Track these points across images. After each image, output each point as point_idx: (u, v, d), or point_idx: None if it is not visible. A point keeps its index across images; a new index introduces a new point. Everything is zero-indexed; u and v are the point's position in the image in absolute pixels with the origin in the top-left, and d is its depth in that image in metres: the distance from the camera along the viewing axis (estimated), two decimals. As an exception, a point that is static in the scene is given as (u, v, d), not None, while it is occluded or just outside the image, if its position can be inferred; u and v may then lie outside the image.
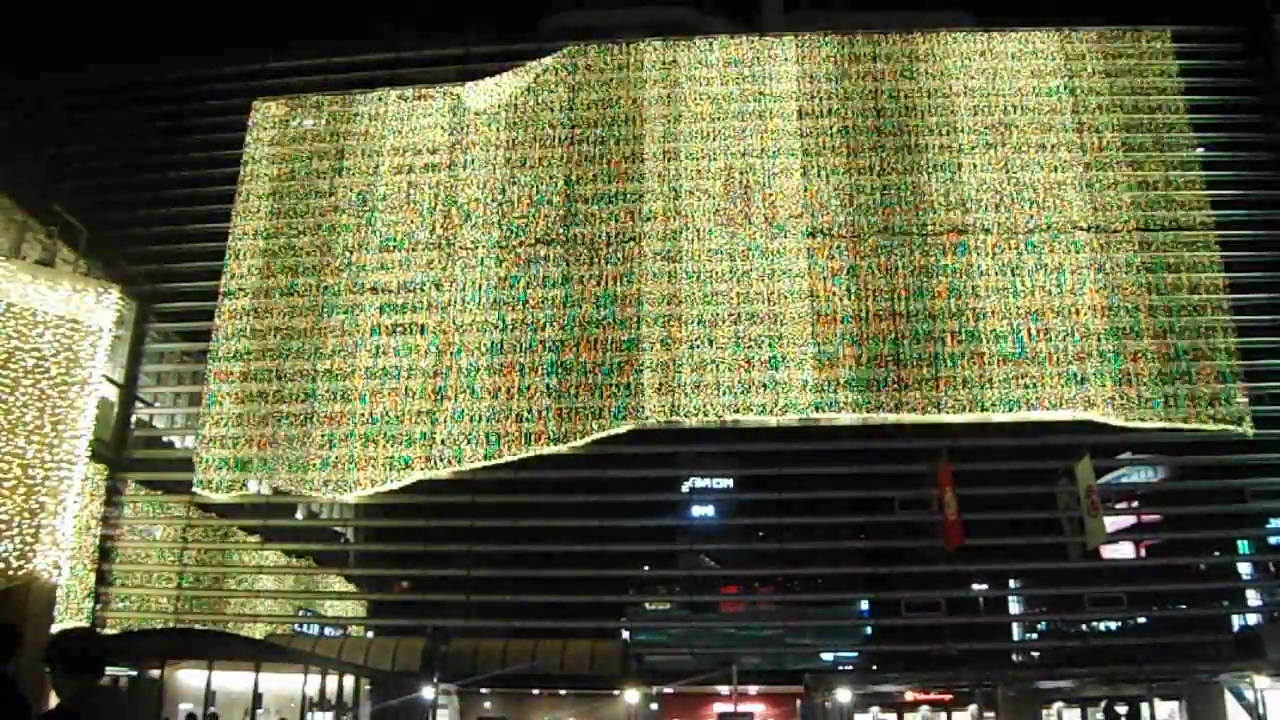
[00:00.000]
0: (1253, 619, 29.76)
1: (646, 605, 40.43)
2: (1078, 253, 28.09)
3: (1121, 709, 22.42)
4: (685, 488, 36.64)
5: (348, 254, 29.94)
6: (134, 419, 30.93)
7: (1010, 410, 26.85)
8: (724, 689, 27.12)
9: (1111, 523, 26.31)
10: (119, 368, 29.32)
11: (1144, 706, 23.77)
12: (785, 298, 27.93)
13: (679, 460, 33.05)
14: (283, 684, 24.13)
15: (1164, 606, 30.48)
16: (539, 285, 28.86)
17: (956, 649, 27.88)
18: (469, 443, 27.50)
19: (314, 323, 29.31)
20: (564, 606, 29.88)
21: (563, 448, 27.39)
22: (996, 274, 27.90)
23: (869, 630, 35.51)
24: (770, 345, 27.52)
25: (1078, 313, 27.53)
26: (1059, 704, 27.69)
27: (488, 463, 27.41)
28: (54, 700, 4.87)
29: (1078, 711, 27.47)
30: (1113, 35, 30.43)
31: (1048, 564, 29.68)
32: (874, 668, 31.24)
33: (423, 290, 29.29)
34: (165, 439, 32.61)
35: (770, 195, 28.98)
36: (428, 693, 26.27)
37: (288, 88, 32.55)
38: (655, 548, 32.86)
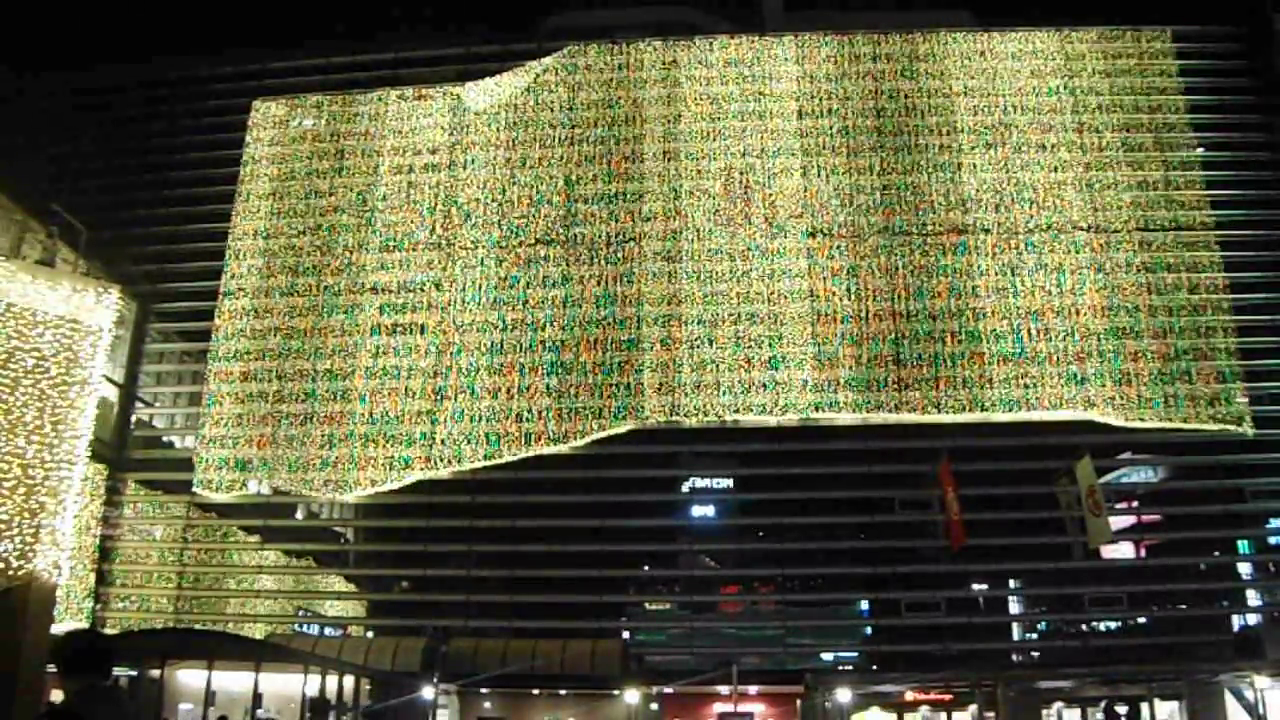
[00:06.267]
0: (1253, 619, 29.77)
1: (646, 605, 40.43)
2: (1078, 253, 28.10)
3: (1121, 709, 22.39)
4: (685, 488, 36.65)
5: (348, 254, 29.96)
6: (134, 419, 30.94)
7: (1010, 410, 26.86)
8: (724, 689, 27.10)
9: (1112, 523, 26.27)
10: (119, 368, 29.32)
11: (1144, 706, 23.78)
12: (785, 298, 27.95)
13: (679, 460, 33.05)
14: (283, 684, 24.14)
15: (1164, 606, 30.49)
16: (539, 285, 28.87)
17: (956, 649, 27.87)
18: (469, 443, 27.52)
19: (314, 323, 29.32)
20: (564, 606, 29.90)
21: (563, 448, 27.41)
22: (996, 274, 27.91)
23: (869, 630, 35.51)
24: (770, 345, 27.53)
25: (1078, 313, 27.54)
26: (1059, 704, 27.67)
27: (488, 463, 27.43)
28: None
29: (1078, 711, 27.46)
30: (1113, 35, 30.45)
31: (1048, 564, 29.67)
32: (874, 668, 31.24)
33: (423, 290, 29.30)
34: (165, 439, 32.61)
35: (770, 195, 29.00)
36: (428, 693, 26.26)
37: (288, 88, 32.57)
38: (655, 548, 32.84)
